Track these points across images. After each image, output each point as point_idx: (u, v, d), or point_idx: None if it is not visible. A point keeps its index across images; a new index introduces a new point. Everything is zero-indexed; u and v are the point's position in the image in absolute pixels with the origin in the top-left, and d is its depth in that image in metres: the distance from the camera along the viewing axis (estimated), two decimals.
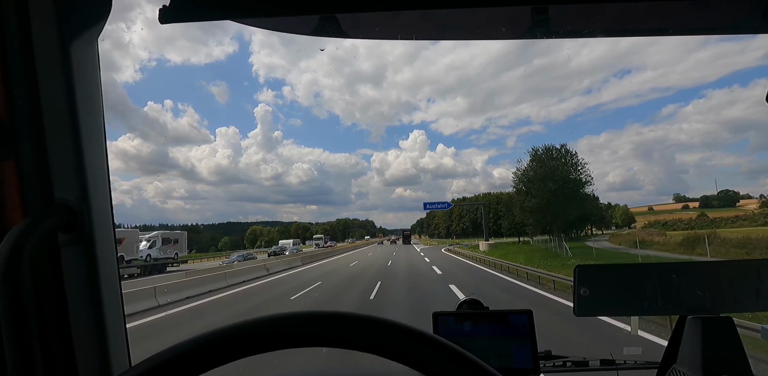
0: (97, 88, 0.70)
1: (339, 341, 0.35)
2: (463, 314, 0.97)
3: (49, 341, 0.61)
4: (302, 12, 0.73)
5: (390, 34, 0.86)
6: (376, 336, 0.35)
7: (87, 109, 0.66)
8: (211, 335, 0.35)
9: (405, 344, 0.35)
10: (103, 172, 0.70)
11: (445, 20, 0.83)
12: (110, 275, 0.69)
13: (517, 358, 0.93)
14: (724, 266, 0.97)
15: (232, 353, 0.35)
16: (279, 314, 0.36)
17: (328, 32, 0.77)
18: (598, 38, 0.90)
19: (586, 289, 0.95)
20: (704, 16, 0.84)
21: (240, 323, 0.36)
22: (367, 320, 0.36)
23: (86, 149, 0.65)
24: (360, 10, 0.74)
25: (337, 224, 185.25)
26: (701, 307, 0.94)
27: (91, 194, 0.65)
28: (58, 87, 0.63)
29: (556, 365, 1.38)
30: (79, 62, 0.65)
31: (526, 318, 0.94)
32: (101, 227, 0.67)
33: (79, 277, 0.64)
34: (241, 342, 0.35)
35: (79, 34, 0.64)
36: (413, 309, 10.11)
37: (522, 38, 0.84)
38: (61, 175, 0.63)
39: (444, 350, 0.35)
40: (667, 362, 1.03)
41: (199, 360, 0.34)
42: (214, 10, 0.72)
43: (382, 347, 0.35)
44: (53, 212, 0.61)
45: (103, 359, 0.67)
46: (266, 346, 0.35)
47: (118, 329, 0.71)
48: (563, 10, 0.77)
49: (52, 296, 0.62)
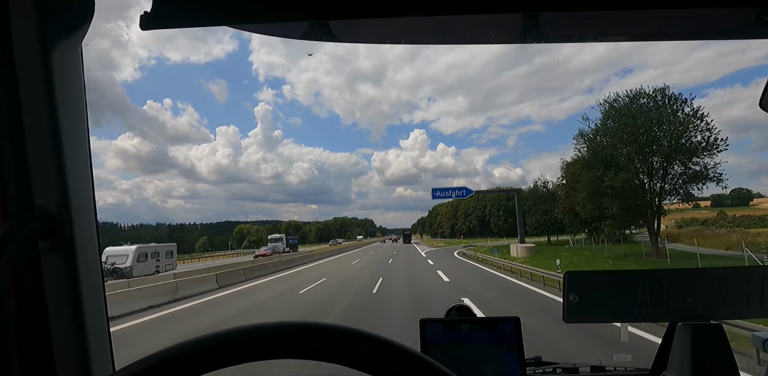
0: (80, 92, 0.69)
1: (311, 353, 0.35)
2: (451, 321, 0.97)
3: (28, 348, 0.61)
4: (292, 18, 0.72)
5: (381, 39, 0.86)
6: (366, 354, 0.34)
7: (69, 114, 0.66)
8: (198, 342, 0.35)
9: (395, 360, 0.34)
10: (86, 177, 0.70)
11: (437, 26, 0.83)
12: (93, 281, 0.69)
13: (506, 365, 0.93)
14: (714, 273, 0.97)
15: (216, 361, 0.35)
16: (262, 324, 0.36)
17: (318, 36, 0.77)
18: (591, 42, 0.90)
19: (575, 295, 0.96)
20: (696, 22, 0.83)
21: (224, 332, 0.36)
22: (344, 332, 0.35)
23: (68, 154, 0.65)
24: (352, 16, 0.73)
25: (334, 223, 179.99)
26: (691, 314, 0.94)
27: (73, 199, 0.65)
28: (39, 92, 0.62)
29: (546, 371, 1.38)
30: (61, 67, 0.64)
31: (513, 325, 0.95)
32: (83, 233, 0.66)
33: (60, 283, 0.64)
34: (226, 351, 0.35)
35: (61, 38, 0.64)
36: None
37: (514, 43, 0.85)
38: (42, 181, 0.63)
39: (417, 362, 0.34)
40: (657, 368, 1.03)
41: (183, 367, 0.34)
42: (199, 16, 0.71)
43: (352, 359, 0.35)
44: (33, 218, 0.61)
45: (84, 366, 0.66)
46: (247, 356, 0.35)
47: (101, 335, 0.71)
48: (555, 16, 0.77)
49: (32, 303, 0.62)
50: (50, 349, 0.63)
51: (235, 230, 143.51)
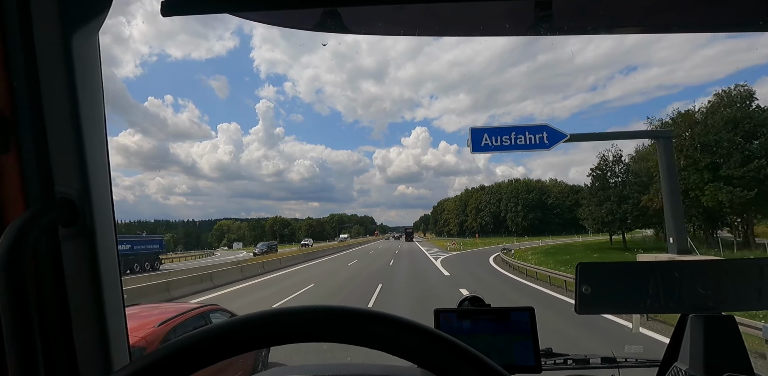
0: (98, 81, 0.70)
1: (343, 337, 0.35)
2: (464, 311, 0.98)
3: (49, 334, 0.62)
4: (305, 5, 0.73)
5: (392, 30, 0.87)
6: (381, 332, 0.35)
7: (88, 103, 0.67)
8: (213, 330, 0.36)
9: (411, 340, 0.35)
10: (104, 165, 0.71)
11: (447, 16, 0.83)
12: (111, 269, 0.70)
13: (519, 355, 0.94)
14: (726, 265, 0.98)
15: (233, 347, 0.35)
16: (279, 309, 0.36)
17: (329, 27, 0.77)
18: (603, 34, 0.90)
19: (588, 286, 0.97)
20: (708, 14, 0.84)
21: (240, 318, 0.36)
22: (372, 316, 0.36)
23: (87, 143, 0.66)
24: (363, 3, 0.74)
25: (330, 220, 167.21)
26: (703, 305, 0.95)
27: (92, 187, 0.66)
28: (59, 80, 0.63)
29: (557, 362, 1.39)
30: (80, 56, 0.65)
31: (527, 315, 0.96)
32: (102, 221, 0.67)
33: (79, 271, 0.65)
34: (241, 337, 0.35)
35: (79, 27, 0.65)
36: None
37: (525, 35, 0.85)
38: (62, 169, 0.64)
39: (451, 348, 0.35)
40: (669, 360, 1.04)
41: (199, 355, 0.35)
42: (216, 2, 0.72)
43: (388, 344, 0.35)
44: (54, 205, 0.62)
45: (104, 354, 0.68)
46: (265, 341, 0.35)
47: (118, 323, 0.72)
48: (566, 6, 0.78)
49: (52, 290, 0.63)
50: (70, 335, 0.64)
51: (215, 227, 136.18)
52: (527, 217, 73.47)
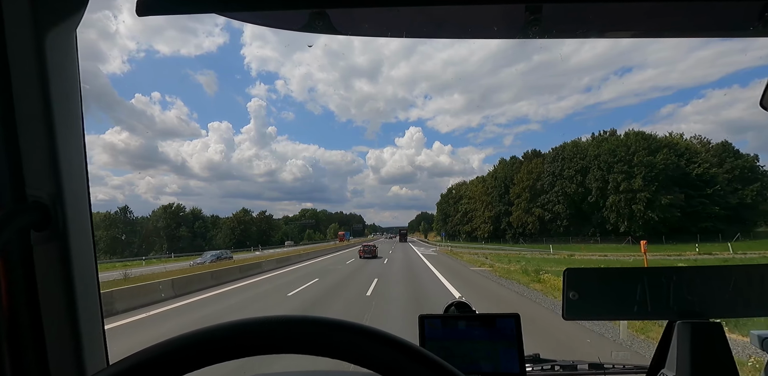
0: (75, 80, 0.69)
1: (311, 348, 0.35)
2: (450, 317, 0.99)
3: (20, 339, 0.62)
4: (291, 6, 0.72)
5: (381, 32, 0.87)
6: (348, 342, 0.35)
7: (64, 103, 0.66)
8: (192, 337, 0.35)
9: (382, 352, 0.34)
10: (80, 168, 0.70)
11: (437, 18, 0.84)
12: (87, 273, 0.70)
13: (504, 362, 0.95)
14: (713, 271, 1.00)
15: (211, 355, 0.35)
16: (252, 319, 0.36)
17: (318, 28, 0.77)
18: (594, 38, 0.91)
19: (575, 292, 0.99)
20: (699, 19, 0.86)
21: (217, 326, 0.36)
22: (343, 327, 0.35)
23: (62, 144, 0.65)
24: (352, 5, 0.73)
25: (302, 217, 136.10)
26: (690, 312, 0.97)
27: (66, 190, 0.65)
28: (32, 79, 0.63)
29: (544, 368, 1.41)
30: (56, 53, 0.64)
31: (513, 322, 0.97)
32: (77, 224, 0.67)
33: (53, 275, 0.65)
34: (218, 345, 0.35)
35: (55, 24, 0.64)
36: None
37: (515, 38, 0.86)
38: (35, 171, 0.63)
39: (412, 354, 0.34)
40: (656, 366, 1.06)
41: (178, 361, 0.35)
42: (195, 2, 0.70)
43: (355, 355, 0.35)
44: (25, 208, 0.61)
45: (77, 359, 0.67)
46: (241, 351, 0.35)
47: (95, 328, 0.72)
48: (557, 10, 0.79)
49: (24, 295, 0.63)
50: (42, 342, 0.64)
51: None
52: (659, 202, 38.31)
